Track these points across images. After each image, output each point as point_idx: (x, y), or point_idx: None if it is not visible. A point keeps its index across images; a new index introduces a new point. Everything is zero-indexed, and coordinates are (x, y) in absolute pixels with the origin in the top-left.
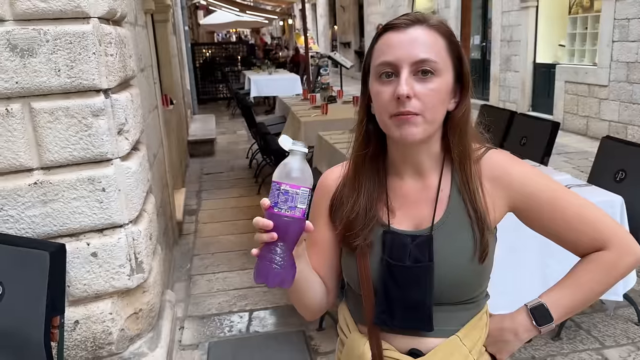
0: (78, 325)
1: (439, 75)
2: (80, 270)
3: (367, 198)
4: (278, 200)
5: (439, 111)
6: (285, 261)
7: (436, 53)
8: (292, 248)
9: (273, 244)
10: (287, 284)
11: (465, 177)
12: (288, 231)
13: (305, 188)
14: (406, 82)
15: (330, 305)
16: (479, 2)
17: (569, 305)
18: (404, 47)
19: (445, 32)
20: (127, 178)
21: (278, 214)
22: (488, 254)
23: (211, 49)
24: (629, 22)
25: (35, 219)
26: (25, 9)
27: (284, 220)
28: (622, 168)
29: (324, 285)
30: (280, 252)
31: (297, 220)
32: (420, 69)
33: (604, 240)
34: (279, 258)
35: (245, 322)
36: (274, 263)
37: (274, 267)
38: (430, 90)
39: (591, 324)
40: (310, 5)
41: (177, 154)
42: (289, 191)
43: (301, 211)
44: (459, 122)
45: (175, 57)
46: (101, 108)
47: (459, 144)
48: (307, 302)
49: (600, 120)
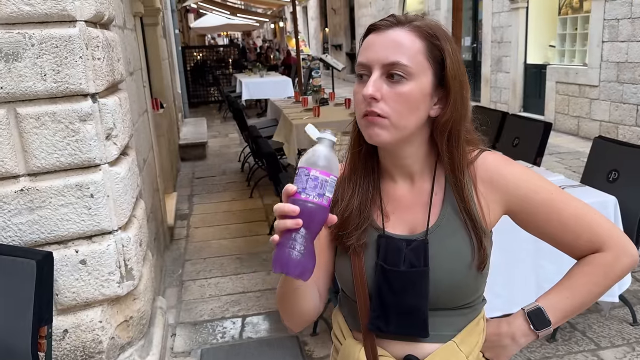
0: (67, 334)
1: (412, 79)
2: (69, 278)
3: (361, 197)
4: (307, 186)
5: (409, 117)
6: (308, 250)
7: (409, 56)
8: (314, 237)
9: (295, 232)
10: (307, 275)
11: (458, 182)
12: (313, 219)
13: (334, 177)
14: (373, 84)
15: (320, 312)
16: (469, 4)
17: (567, 309)
18: (377, 49)
19: (426, 35)
20: (115, 184)
21: (305, 200)
22: (486, 263)
23: (202, 52)
24: (618, 23)
25: (22, 227)
26: (10, 12)
27: (310, 207)
28: (615, 168)
29: (316, 289)
30: (301, 241)
31: (324, 209)
32: (390, 72)
33: (601, 242)
34: (301, 246)
35: (238, 328)
36: (295, 250)
37: (296, 255)
38: (397, 94)
39: (586, 325)
40: (301, 8)
41: (168, 157)
42: (319, 178)
43: (328, 200)
44: (445, 128)
45: (166, 60)
46: (89, 113)
47: (448, 150)
48: (303, 307)
49: (591, 120)
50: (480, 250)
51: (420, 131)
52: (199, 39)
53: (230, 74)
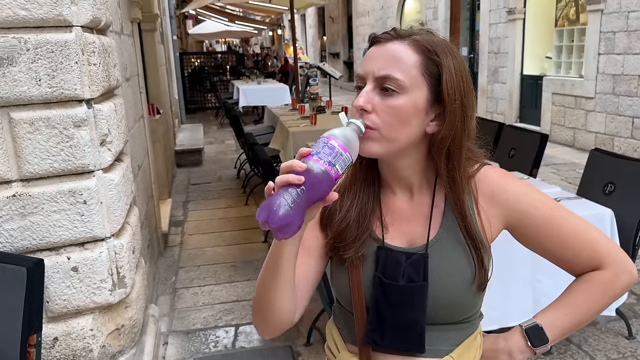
0: (57, 342)
1: (404, 93)
2: (60, 285)
3: (360, 209)
4: (321, 151)
5: (399, 130)
6: (299, 208)
7: (403, 70)
8: (309, 203)
9: (294, 187)
10: (289, 231)
11: (458, 200)
12: (316, 183)
13: (349, 155)
14: (365, 95)
15: (294, 322)
16: (466, 14)
17: (565, 326)
18: (372, 61)
19: (424, 49)
20: (109, 190)
21: (316, 162)
22: (487, 283)
23: (200, 59)
24: (614, 35)
25: (13, 233)
26: (5, 16)
27: (318, 170)
28: (611, 181)
29: (295, 293)
30: (296, 197)
31: (330, 179)
32: (383, 85)
33: (600, 260)
34: (294, 201)
35: (231, 337)
36: (286, 201)
37: (285, 206)
38: (388, 106)
39: (582, 338)
40: (299, 16)
41: (164, 164)
42: (335, 147)
43: (337, 173)
44: (442, 146)
45: (163, 66)
46: (83, 119)
47: (446, 169)
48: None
49: (587, 132)
50: (481, 270)
51: (416, 146)
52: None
53: (227, 80)
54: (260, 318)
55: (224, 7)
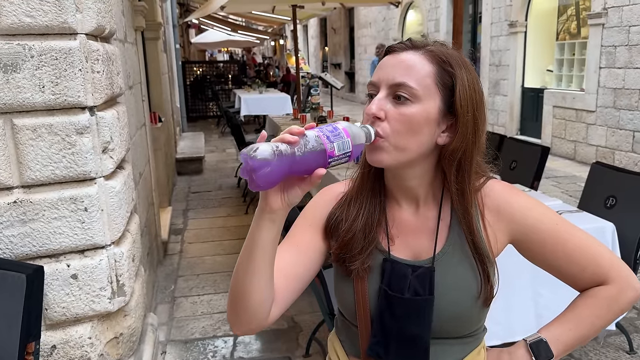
0: (55, 350)
1: (417, 102)
2: (59, 292)
3: (367, 219)
4: (324, 128)
5: (409, 139)
6: (283, 161)
7: (417, 79)
8: (294, 166)
9: (287, 145)
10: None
11: (467, 213)
12: (308, 151)
13: (351, 144)
14: (377, 102)
15: (268, 323)
16: (468, 27)
17: (569, 341)
18: (386, 69)
19: (439, 60)
20: (110, 198)
21: (316, 134)
22: (493, 297)
23: (202, 67)
24: (615, 49)
25: (13, 239)
26: (11, 23)
27: (316, 141)
28: (613, 194)
29: (273, 289)
30: (284, 150)
31: (323, 152)
32: (396, 93)
33: (605, 275)
34: (280, 154)
35: (229, 347)
36: (273, 147)
37: (271, 150)
38: (400, 114)
39: (582, 352)
40: (301, 27)
41: (165, 171)
42: (338, 129)
43: (332, 151)
44: (453, 157)
45: (166, 74)
46: (86, 126)
47: (456, 181)
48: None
49: (587, 145)
50: (487, 285)
51: (426, 157)
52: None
53: (229, 89)
54: (232, 308)
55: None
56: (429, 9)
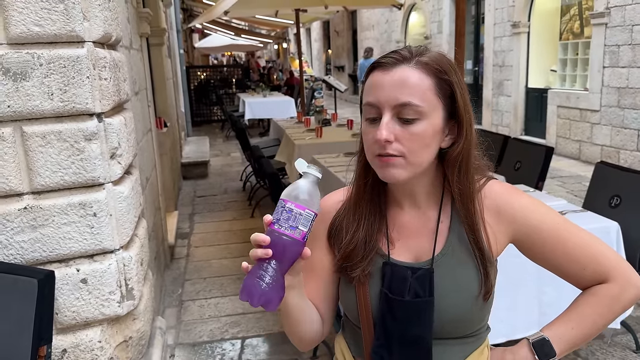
0: (66, 354)
1: (424, 118)
2: (69, 297)
3: (367, 229)
4: (280, 217)
5: (423, 154)
6: (275, 282)
7: (420, 96)
8: (285, 270)
9: (266, 262)
10: (272, 306)
11: (468, 212)
12: (284, 251)
13: (310, 211)
14: (386, 127)
15: (324, 336)
16: (471, 28)
17: (572, 340)
18: (386, 89)
19: (435, 71)
20: (118, 203)
21: (277, 231)
22: (492, 292)
23: (206, 72)
24: (619, 49)
25: (24, 245)
26: (20, 32)
27: (282, 238)
28: (617, 194)
29: (319, 315)
30: (271, 272)
31: (296, 242)
32: (402, 113)
33: (606, 273)
34: (269, 277)
35: (237, 350)
36: (262, 281)
37: (262, 286)
38: (412, 134)
39: (589, 352)
40: (304, 30)
41: (171, 176)
42: (293, 210)
43: (302, 233)
44: (457, 159)
45: (170, 79)
46: (94, 132)
47: (459, 181)
48: (302, 333)
49: (592, 145)
50: (487, 285)
51: (429, 164)
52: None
53: (233, 93)
54: (292, 340)
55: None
56: (431, 11)
